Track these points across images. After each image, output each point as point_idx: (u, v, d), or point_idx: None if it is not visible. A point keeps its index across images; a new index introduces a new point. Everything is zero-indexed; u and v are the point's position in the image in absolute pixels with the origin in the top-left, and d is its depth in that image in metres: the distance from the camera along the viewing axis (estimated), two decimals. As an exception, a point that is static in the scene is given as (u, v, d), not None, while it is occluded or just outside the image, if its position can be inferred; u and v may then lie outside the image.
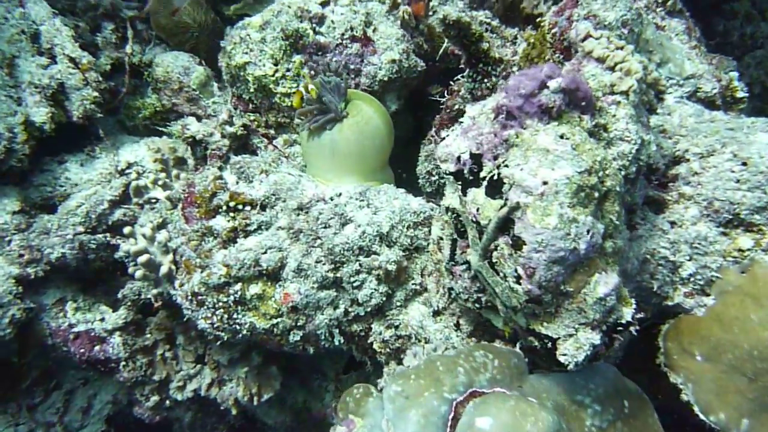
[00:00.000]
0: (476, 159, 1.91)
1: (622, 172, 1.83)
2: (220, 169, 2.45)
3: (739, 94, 2.38)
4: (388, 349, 2.31)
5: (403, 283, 2.33)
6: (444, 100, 2.91)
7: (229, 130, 2.50)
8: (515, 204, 1.69)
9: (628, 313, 1.73)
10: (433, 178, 2.81)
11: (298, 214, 2.32)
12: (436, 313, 2.31)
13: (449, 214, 2.04)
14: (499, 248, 1.78)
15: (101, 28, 3.27)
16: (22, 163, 2.63)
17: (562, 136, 1.71)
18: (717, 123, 2.11)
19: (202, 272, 2.23)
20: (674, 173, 2.10)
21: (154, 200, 2.64)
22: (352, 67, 2.69)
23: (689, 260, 1.99)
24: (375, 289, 2.25)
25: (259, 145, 2.68)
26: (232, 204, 2.32)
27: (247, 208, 2.33)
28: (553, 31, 2.32)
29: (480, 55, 2.60)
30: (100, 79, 2.87)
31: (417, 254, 2.36)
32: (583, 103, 1.80)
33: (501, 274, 1.78)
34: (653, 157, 1.96)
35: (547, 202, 1.62)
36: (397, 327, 2.31)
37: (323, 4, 2.71)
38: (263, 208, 2.33)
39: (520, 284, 1.71)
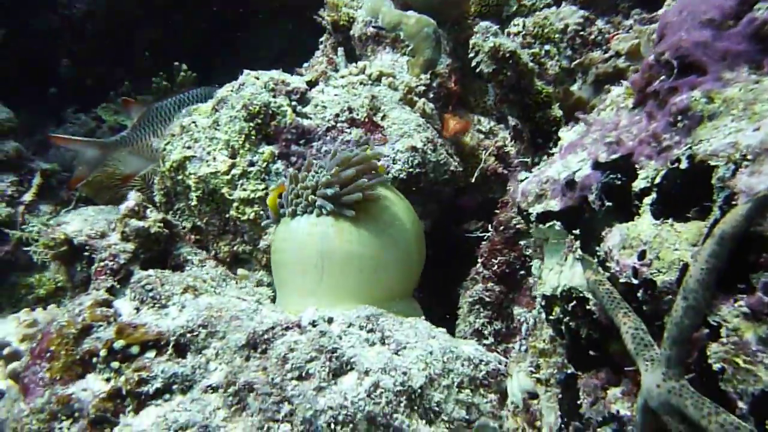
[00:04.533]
0: (617, 167, 0.94)
1: None
2: (112, 292, 1.43)
3: None
4: None
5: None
6: (489, 233, 2.01)
7: (136, 225, 1.50)
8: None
9: None
10: (487, 331, 1.79)
11: (248, 357, 1.24)
12: None
13: (555, 310, 1.00)
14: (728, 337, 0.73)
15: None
16: None
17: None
18: None
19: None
20: None
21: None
22: (350, 160, 1.85)
23: None
24: None
25: (190, 258, 1.67)
26: (119, 345, 1.26)
27: (149, 353, 1.26)
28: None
29: (549, 129, 1.79)
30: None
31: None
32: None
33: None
34: None
35: None
36: None
37: (310, 84, 1.98)
38: (180, 350, 1.27)
39: None
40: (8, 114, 2.65)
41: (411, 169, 1.88)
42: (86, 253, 1.50)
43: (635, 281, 0.85)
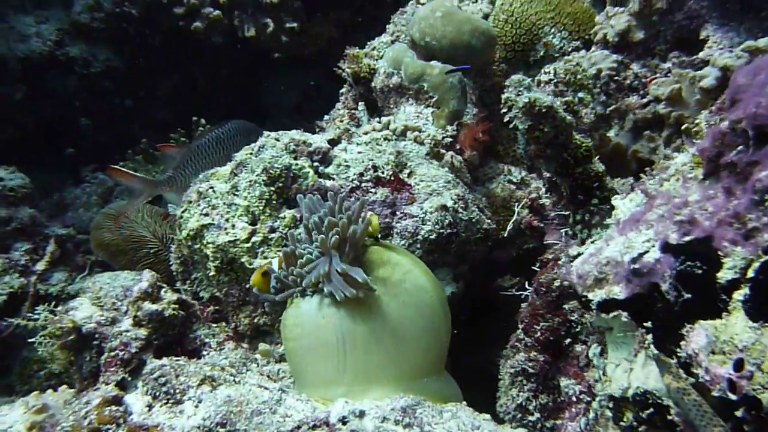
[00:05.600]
0: (694, 252, 0.80)
1: None
2: (122, 386, 1.31)
3: None
4: None
5: None
6: (530, 290, 1.89)
7: (149, 309, 1.38)
8: None
9: None
10: (532, 406, 1.64)
11: (271, 463, 1.11)
12: None
13: (627, 416, 0.86)
14: None
15: (9, 249, 2.44)
16: None
17: None
18: None
19: None
20: None
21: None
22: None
23: None
24: None
25: (208, 341, 1.54)
26: (130, 450, 1.14)
27: (163, 457, 1.13)
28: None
29: (591, 184, 1.66)
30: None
31: None
32: None
33: None
34: None
35: None
36: None
37: (332, 143, 1.89)
38: (196, 454, 1.14)
39: None
40: (23, 180, 2.59)
41: (442, 230, 1.75)
42: (96, 342, 1.39)
43: (733, 396, 0.71)
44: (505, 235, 2.13)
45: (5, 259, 2.37)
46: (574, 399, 1.57)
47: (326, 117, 2.67)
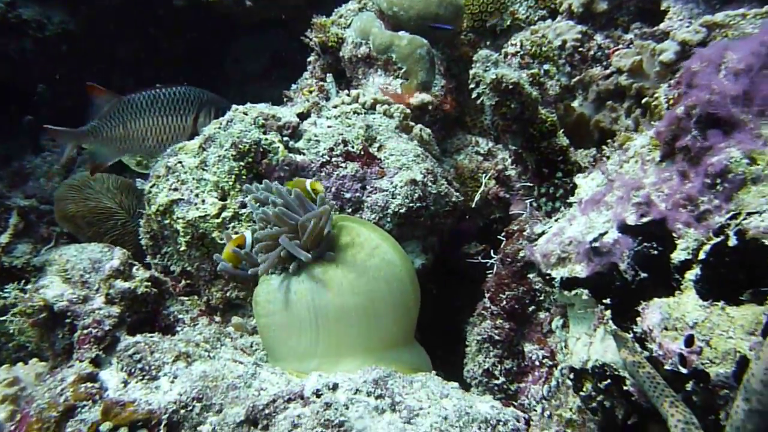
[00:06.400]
0: (650, 234, 0.85)
1: None
2: (97, 362, 1.33)
3: None
4: None
5: None
6: (495, 258, 1.95)
7: (122, 287, 1.40)
8: None
9: None
10: (498, 371, 1.70)
11: (248, 434, 1.15)
12: None
13: (586, 386, 0.91)
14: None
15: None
16: None
17: None
18: None
19: None
20: None
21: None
22: (347, 196, 1.76)
23: None
24: None
25: (181, 317, 1.57)
26: (105, 428, 1.17)
27: (141, 432, 1.16)
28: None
29: (555, 158, 1.70)
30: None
31: None
32: None
33: None
34: None
35: None
36: None
37: (302, 116, 1.89)
38: (173, 428, 1.17)
39: None
40: (-18, 151, 2.53)
41: (411, 204, 1.78)
42: (68, 320, 1.39)
43: (684, 370, 0.76)
44: (473, 206, 2.18)
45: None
46: (537, 363, 1.63)
47: (293, 86, 2.64)
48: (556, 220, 1.13)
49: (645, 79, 2.04)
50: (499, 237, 2.07)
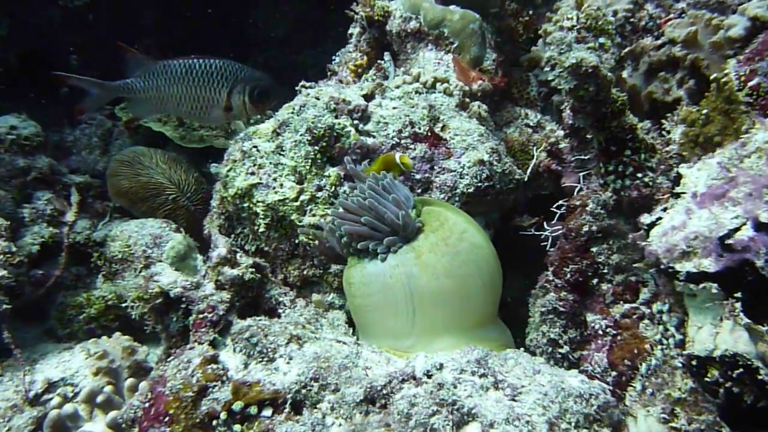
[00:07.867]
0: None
1: None
2: (214, 345, 1.43)
3: None
4: None
5: None
6: (554, 230, 2.03)
7: (231, 274, 1.50)
8: None
9: None
10: (562, 340, 1.80)
11: (368, 412, 1.25)
12: None
13: (713, 373, 1.00)
14: None
15: (31, 198, 2.45)
16: None
17: None
18: None
19: None
20: None
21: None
22: (417, 177, 1.83)
23: None
24: None
25: (282, 300, 1.67)
26: (238, 407, 1.26)
27: (266, 411, 1.26)
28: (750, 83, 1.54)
29: (624, 136, 1.76)
30: (17, 263, 2.06)
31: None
32: None
33: None
34: None
35: None
36: None
37: (367, 98, 1.93)
38: (297, 407, 1.27)
39: None
40: (36, 128, 2.56)
41: (479, 184, 1.86)
42: (182, 305, 1.49)
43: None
44: (525, 178, 2.24)
45: (31, 209, 2.39)
46: (600, 332, 1.73)
47: (335, 59, 2.67)
48: (664, 210, 1.19)
49: (700, 50, 2.07)
50: (552, 209, 2.15)
